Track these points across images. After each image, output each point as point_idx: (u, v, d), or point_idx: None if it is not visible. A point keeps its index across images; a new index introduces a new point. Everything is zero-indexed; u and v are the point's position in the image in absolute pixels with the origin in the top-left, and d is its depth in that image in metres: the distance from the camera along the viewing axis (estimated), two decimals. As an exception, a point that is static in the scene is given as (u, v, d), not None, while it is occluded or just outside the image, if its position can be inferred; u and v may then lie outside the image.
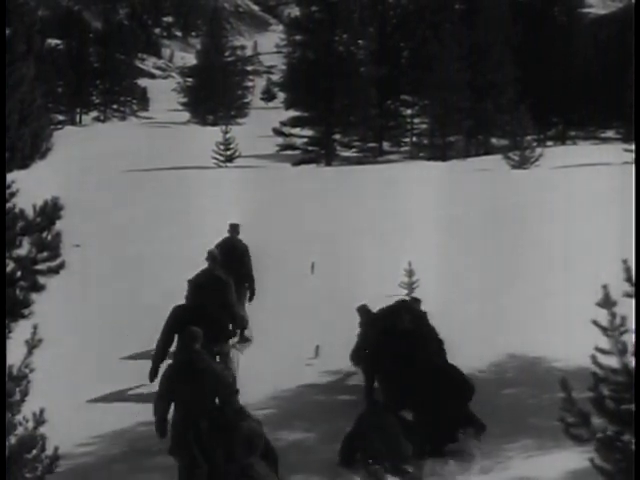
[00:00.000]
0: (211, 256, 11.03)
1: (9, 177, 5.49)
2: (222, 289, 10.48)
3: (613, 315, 4.72)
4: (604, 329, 4.76)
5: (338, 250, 17.39)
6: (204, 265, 11.17)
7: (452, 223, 19.68)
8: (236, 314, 10.63)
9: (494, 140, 52.89)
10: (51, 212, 5.28)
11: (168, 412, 7.83)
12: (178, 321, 9.41)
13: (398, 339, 9.42)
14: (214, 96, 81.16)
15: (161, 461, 8.31)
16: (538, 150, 38.04)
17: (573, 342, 9.50)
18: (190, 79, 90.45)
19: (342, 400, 10.14)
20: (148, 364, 9.37)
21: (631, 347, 4.77)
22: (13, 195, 5.38)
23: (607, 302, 4.73)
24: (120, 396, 10.32)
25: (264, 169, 40.03)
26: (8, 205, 5.34)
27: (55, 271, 5.41)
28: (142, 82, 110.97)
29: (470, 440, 8.72)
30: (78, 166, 35.81)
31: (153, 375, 9.16)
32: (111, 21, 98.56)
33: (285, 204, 23.72)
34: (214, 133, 46.29)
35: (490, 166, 35.68)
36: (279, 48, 75.48)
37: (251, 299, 12.55)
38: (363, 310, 10.60)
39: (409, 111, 59.60)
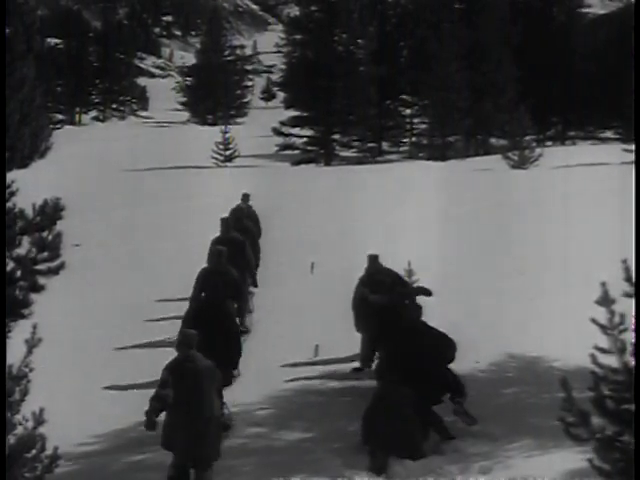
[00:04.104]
0: (225, 224, 13.23)
1: (9, 176, 5.49)
2: (241, 249, 12.77)
3: (612, 313, 4.72)
4: (603, 327, 4.76)
5: (338, 250, 17.38)
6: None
7: (451, 223, 19.69)
8: (253, 269, 13.28)
9: (493, 140, 52.82)
10: (52, 212, 5.28)
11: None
12: (204, 280, 11.03)
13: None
14: (213, 95, 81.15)
15: (161, 460, 8.31)
16: (537, 150, 37.99)
17: (572, 341, 9.51)
18: (189, 78, 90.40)
19: (342, 400, 10.14)
20: (148, 364, 9.38)
21: (630, 346, 4.76)
22: (13, 194, 5.38)
23: (606, 300, 4.73)
24: (120, 396, 10.31)
25: (263, 169, 40.01)
26: (8, 205, 5.33)
27: (55, 271, 5.41)
28: (141, 81, 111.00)
29: (468, 439, 8.74)
30: (77, 165, 35.79)
31: (189, 323, 9.94)
32: (110, 20, 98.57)
33: (284, 204, 23.71)
34: (213, 132, 46.27)
35: (489, 166, 35.67)
36: (279, 47, 75.40)
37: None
38: (373, 258, 11.48)
39: (408, 111, 59.51)
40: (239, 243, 13.00)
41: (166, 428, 7.82)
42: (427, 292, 10.77)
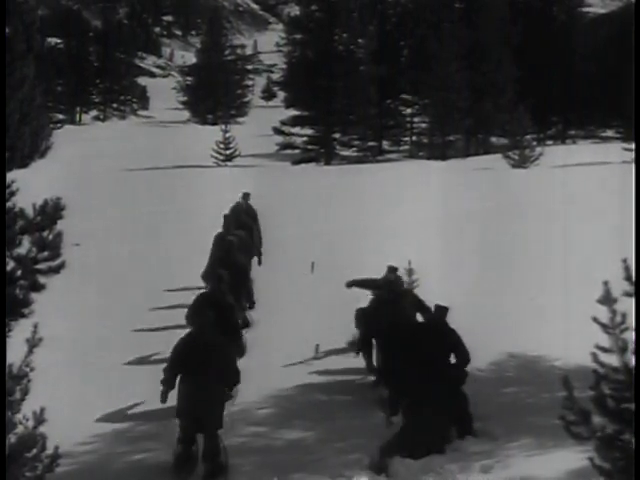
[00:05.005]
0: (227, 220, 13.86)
1: (9, 176, 5.48)
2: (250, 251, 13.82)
3: (613, 312, 4.71)
4: (604, 326, 4.75)
5: (338, 249, 17.38)
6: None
7: (452, 222, 19.68)
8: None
9: (494, 139, 52.83)
10: (52, 212, 5.27)
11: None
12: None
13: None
14: (214, 95, 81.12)
15: (161, 460, 8.31)
16: (538, 149, 38.01)
17: (573, 340, 9.51)
18: (190, 78, 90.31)
19: (342, 400, 10.13)
20: (147, 363, 9.39)
21: (631, 345, 4.76)
22: (13, 194, 5.38)
23: (607, 299, 4.72)
24: (120, 395, 10.31)
25: (264, 168, 40.02)
26: (8, 204, 5.33)
27: (55, 270, 5.41)
28: (142, 81, 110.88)
29: (468, 439, 8.73)
30: (78, 165, 35.78)
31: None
32: (111, 20, 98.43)
33: (284, 203, 23.71)
34: (214, 132, 46.27)
35: (490, 165, 35.67)
36: (279, 47, 75.31)
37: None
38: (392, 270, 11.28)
39: (409, 110, 59.48)
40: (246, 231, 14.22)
41: (180, 397, 8.33)
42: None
